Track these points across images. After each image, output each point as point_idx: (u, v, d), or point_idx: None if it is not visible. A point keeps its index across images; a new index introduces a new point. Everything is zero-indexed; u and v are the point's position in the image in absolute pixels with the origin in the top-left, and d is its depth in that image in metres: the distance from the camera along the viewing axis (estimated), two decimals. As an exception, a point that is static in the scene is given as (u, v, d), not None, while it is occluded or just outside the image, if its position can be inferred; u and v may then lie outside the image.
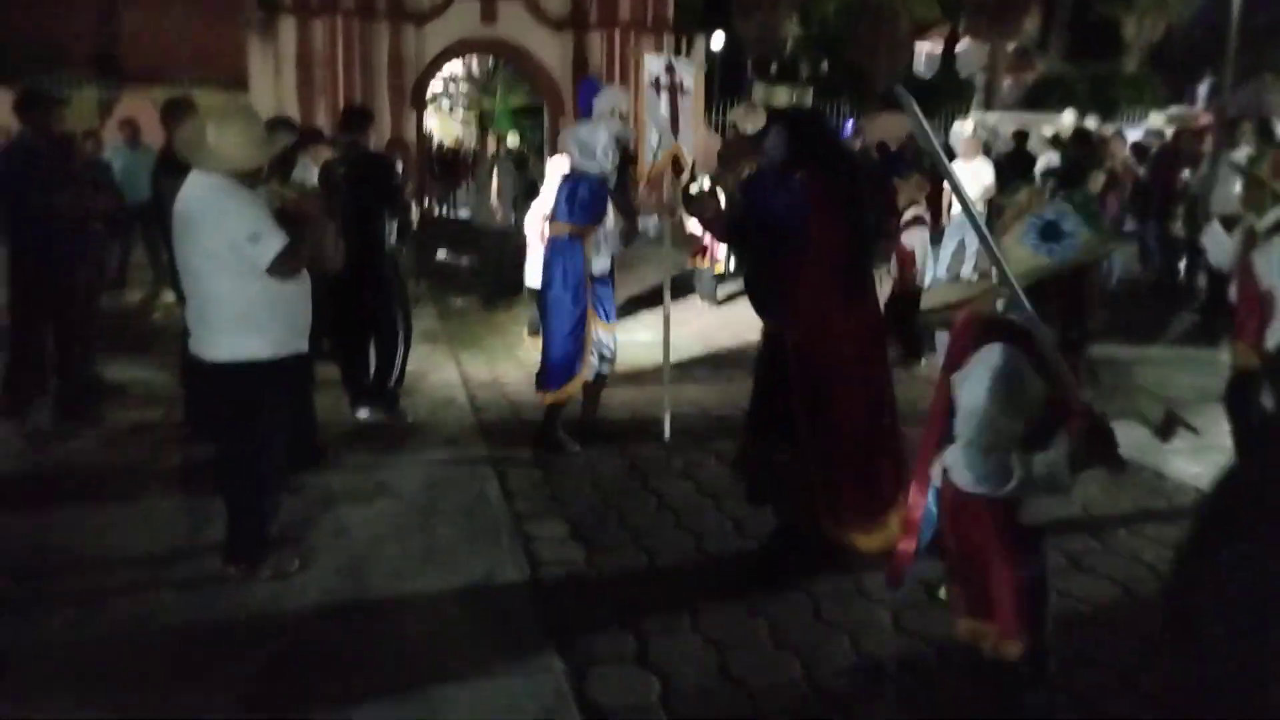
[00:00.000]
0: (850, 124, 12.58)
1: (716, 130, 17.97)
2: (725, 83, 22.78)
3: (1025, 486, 2.30)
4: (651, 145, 5.51)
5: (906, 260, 7.11)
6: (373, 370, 5.87)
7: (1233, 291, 4.68)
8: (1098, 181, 8.70)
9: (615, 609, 3.63)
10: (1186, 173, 9.87)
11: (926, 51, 36.71)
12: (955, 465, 2.42)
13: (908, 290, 7.07)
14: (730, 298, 9.27)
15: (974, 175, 10.82)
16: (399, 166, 7.34)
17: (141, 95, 15.69)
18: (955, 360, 2.46)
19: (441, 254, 14.31)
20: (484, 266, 10.61)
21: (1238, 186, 9.03)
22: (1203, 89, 31.44)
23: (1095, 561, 4.05)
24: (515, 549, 4.13)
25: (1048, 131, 13.59)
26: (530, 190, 9.41)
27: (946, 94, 25.36)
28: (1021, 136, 12.37)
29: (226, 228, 3.38)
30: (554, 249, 5.21)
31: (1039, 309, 2.25)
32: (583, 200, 5.03)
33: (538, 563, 4.03)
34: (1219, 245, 4.48)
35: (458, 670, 3.22)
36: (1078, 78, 24.52)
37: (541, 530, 4.34)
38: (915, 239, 7.13)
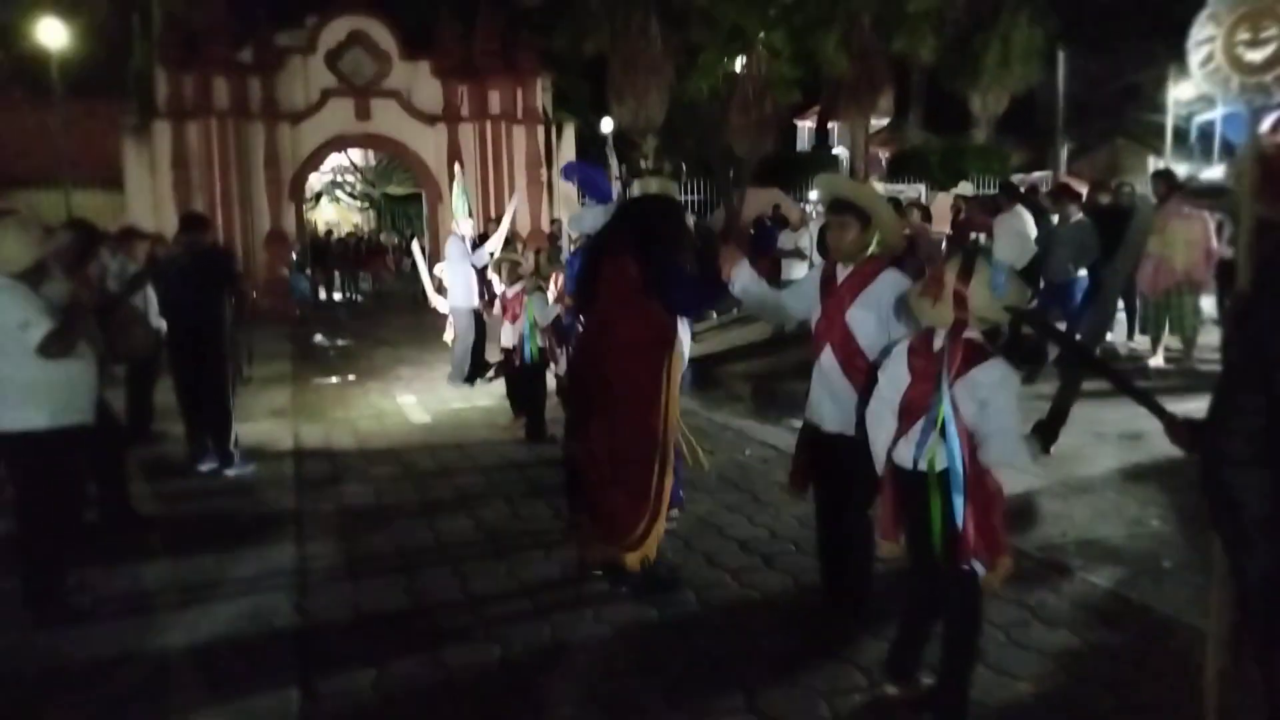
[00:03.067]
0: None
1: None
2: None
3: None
4: None
5: None
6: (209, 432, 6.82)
7: None
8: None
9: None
10: (979, 236, 11.09)
11: (808, 128, 39.16)
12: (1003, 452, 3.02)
13: None
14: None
15: (796, 238, 12.52)
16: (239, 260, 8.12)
17: (17, 198, 16.02)
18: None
19: (318, 338, 14.93)
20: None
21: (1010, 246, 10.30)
22: (1064, 154, 34.06)
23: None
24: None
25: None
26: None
27: (815, 168, 27.08)
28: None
29: (2, 317, 4.01)
30: None
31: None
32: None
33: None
34: None
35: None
36: (931, 149, 26.49)
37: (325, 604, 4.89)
38: None
